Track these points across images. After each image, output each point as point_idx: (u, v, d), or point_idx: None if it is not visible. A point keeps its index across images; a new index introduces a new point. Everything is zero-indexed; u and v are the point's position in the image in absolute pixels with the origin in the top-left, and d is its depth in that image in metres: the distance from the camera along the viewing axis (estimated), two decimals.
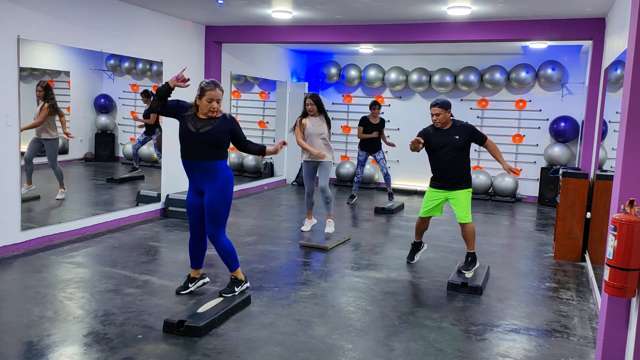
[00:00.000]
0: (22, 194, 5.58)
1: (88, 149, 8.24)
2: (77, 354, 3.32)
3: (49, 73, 7.40)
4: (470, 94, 10.04)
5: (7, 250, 5.33)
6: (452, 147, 5.06)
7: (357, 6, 6.21)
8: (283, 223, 7.33)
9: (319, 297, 4.45)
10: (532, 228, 7.54)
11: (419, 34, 7.13)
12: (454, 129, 5.12)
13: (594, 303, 4.52)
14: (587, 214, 5.65)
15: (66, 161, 7.87)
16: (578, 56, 9.25)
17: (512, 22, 6.68)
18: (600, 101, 6.20)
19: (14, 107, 5.34)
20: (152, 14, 7.06)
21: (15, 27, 5.28)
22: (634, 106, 2.83)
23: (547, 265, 5.67)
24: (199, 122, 4.03)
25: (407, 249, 5.74)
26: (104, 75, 8.27)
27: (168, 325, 3.65)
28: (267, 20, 7.39)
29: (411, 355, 3.46)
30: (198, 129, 4.00)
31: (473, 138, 5.16)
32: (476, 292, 4.62)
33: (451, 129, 5.12)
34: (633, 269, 2.68)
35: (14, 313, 3.93)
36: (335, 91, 11.14)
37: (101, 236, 6.17)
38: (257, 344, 3.54)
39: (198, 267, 4.46)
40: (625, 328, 2.97)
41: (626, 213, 2.71)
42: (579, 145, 8.57)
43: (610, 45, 5.71)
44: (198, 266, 4.45)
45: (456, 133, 5.10)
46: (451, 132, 5.11)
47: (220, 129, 4.04)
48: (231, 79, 8.91)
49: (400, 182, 10.32)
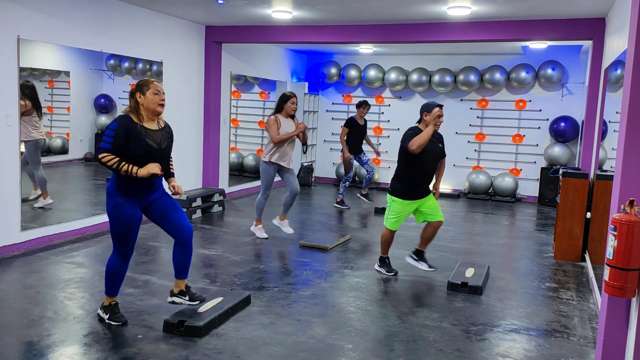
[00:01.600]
0: (29, 198, 5.51)
1: (88, 149, 8.24)
2: (77, 354, 3.32)
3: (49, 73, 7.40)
4: (470, 94, 10.04)
5: (7, 250, 5.33)
6: (437, 154, 4.93)
7: (357, 6, 6.21)
8: None
9: (319, 297, 4.45)
10: (532, 228, 7.54)
11: (419, 34, 7.13)
12: (436, 135, 4.88)
13: (594, 303, 4.52)
14: (587, 214, 5.65)
15: (66, 161, 7.88)
16: (578, 56, 9.25)
17: (512, 22, 6.68)
18: (600, 101, 6.20)
19: (14, 107, 5.34)
20: (152, 14, 7.06)
21: (15, 27, 5.28)
22: (634, 106, 2.83)
23: (547, 265, 5.67)
24: (155, 135, 3.57)
25: (407, 249, 5.72)
26: (104, 75, 8.27)
27: (168, 325, 3.65)
28: (267, 20, 7.40)
29: (411, 355, 3.46)
30: (159, 143, 3.58)
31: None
32: (476, 292, 4.62)
33: (435, 134, 4.85)
34: (633, 269, 2.68)
35: (14, 313, 3.93)
36: (335, 91, 11.14)
37: (101, 236, 6.17)
38: (257, 344, 3.54)
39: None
40: (625, 328, 2.97)
41: (626, 213, 2.71)
42: (579, 145, 8.57)
43: (610, 45, 5.71)
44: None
45: (439, 140, 4.94)
46: (435, 137, 4.88)
47: (171, 137, 3.71)
48: (231, 79, 8.91)
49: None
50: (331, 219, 7.61)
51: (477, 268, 5.11)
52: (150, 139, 3.53)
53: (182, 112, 7.73)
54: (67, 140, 7.87)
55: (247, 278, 4.87)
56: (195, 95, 8.05)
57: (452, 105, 10.03)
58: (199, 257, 5.52)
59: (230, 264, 5.30)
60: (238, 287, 4.62)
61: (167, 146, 3.66)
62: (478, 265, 5.25)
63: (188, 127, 7.91)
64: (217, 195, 7.78)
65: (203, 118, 8.24)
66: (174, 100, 7.57)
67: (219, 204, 7.83)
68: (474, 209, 8.84)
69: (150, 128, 3.58)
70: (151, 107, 3.56)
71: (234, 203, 8.52)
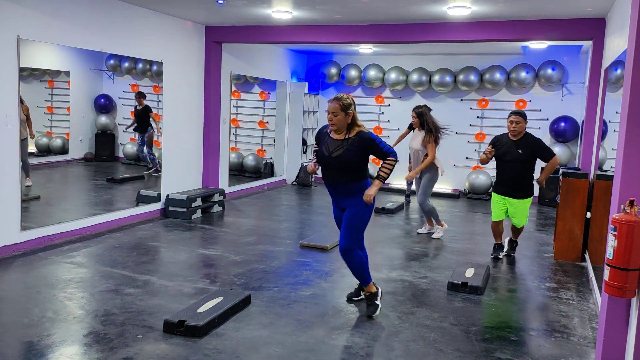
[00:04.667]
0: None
1: (88, 149, 8.25)
2: (77, 354, 3.33)
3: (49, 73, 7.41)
4: (470, 94, 10.04)
5: (7, 250, 5.33)
6: (517, 160, 5.42)
7: (357, 6, 6.21)
8: (283, 223, 7.32)
9: (319, 297, 4.45)
10: (532, 228, 7.53)
11: (419, 34, 7.13)
12: (523, 141, 5.45)
13: (594, 303, 4.52)
14: (587, 214, 5.65)
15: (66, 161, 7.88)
16: (578, 56, 9.25)
17: (512, 22, 6.68)
18: (600, 101, 6.20)
19: (14, 107, 5.34)
20: (152, 14, 7.05)
21: (15, 27, 5.28)
22: (634, 106, 2.83)
23: (547, 265, 5.67)
24: (331, 143, 3.99)
25: (407, 249, 5.75)
26: (104, 75, 8.28)
27: (168, 325, 3.65)
28: (267, 20, 7.39)
29: (411, 355, 3.46)
30: (331, 151, 3.95)
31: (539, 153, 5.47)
32: (476, 292, 4.62)
33: (521, 140, 5.46)
34: (633, 269, 2.68)
35: (14, 313, 3.93)
36: (335, 91, 11.13)
37: (101, 236, 6.17)
38: (257, 344, 3.54)
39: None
40: (625, 328, 2.97)
41: (626, 213, 2.71)
42: (579, 145, 8.57)
43: (610, 45, 5.71)
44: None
45: (522, 147, 5.41)
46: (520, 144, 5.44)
47: (354, 146, 3.91)
48: (231, 79, 8.91)
49: (400, 182, 10.31)
50: (331, 219, 7.60)
51: (477, 268, 5.10)
52: (325, 148, 3.97)
53: (182, 112, 7.73)
54: (67, 140, 7.87)
55: (247, 278, 4.87)
56: (195, 95, 8.04)
57: (452, 105, 10.03)
58: (199, 257, 5.52)
59: (230, 264, 5.30)
60: (238, 287, 4.62)
61: (340, 155, 3.90)
62: (478, 265, 5.25)
63: (188, 127, 7.91)
64: (217, 195, 7.78)
65: (203, 118, 8.24)
66: (174, 101, 7.57)
67: (219, 204, 7.83)
68: (474, 209, 8.84)
69: (333, 137, 3.98)
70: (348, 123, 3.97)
71: (234, 203, 8.52)
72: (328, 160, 3.95)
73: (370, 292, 4.17)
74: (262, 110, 11.07)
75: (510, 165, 5.47)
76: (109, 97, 8.30)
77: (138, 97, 8.35)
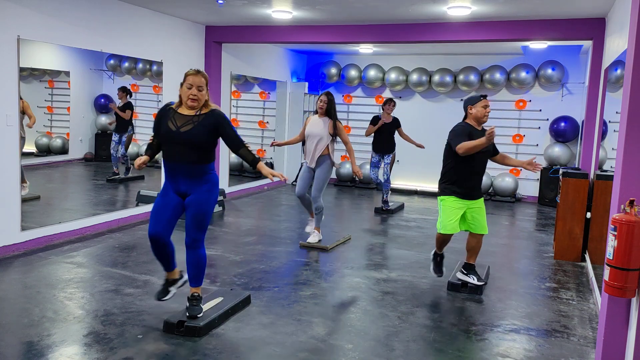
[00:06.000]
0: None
1: (88, 149, 8.25)
2: (77, 354, 3.32)
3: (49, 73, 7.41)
4: (470, 94, 10.03)
5: (7, 250, 5.33)
6: (487, 151, 4.53)
7: (357, 6, 6.21)
8: (283, 223, 7.32)
9: (319, 297, 4.45)
10: (532, 228, 7.54)
11: (419, 34, 7.13)
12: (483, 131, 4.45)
13: (594, 303, 4.52)
14: (587, 214, 5.65)
15: (66, 161, 7.88)
16: (578, 56, 9.25)
17: (512, 22, 6.68)
18: (600, 101, 6.20)
19: (14, 107, 5.34)
20: (152, 14, 7.06)
21: (15, 27, 5.28)
22: (634, 106, 2.83)
23: (547, 265, 5.67)
24: (180, 119, 3.57)
25: (407, 249, 5.74)
26: (104, 75, 8.27)
27: (168, 325, 3.65)
28: (267, 20, 7.39)
29: (411, 355, 3.46)
30: (178, 127, 3.55)
31: None
32: (476, 292, 4.62)
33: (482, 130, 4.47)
34: (633, 269, 2.68)
35: (14, 313, 3.93)
36: (335, 91, 11.10)
37: (101, 236, 6.17)
38: (257, 344, 3.54)
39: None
40: (625, 328, 2.97)
41: (626, 213, 2.71)
42: (579, 145, 8.57)
43: (610, 45, 5.71)
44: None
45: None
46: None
47: (203, 124, 3.56)
48: (231, 79, 8.91)
49: (400, 182, 10.31)
50: (331, 219, 7.61)
51: (477, 268, 5.10)
52: (172, 122, 3.57)
53: None
54: (67, 140, 7.87)
55: (247, 278, 4.87)
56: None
57: (452, 105, 10.03)
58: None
59: (230, 264, 5.30)
60: (238, 287, 4.62)
61: (189, 131, 3.52)
62: (478, 265, 5.25)
63: None
64: None
65: None
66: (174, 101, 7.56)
67: (219, 204, 7.83)
68: None
69: (181, 113, 3.61)
70: (183, 99, 3.62)
71: (234, 203, 8.52)
72: (174, 135, 3.53)
73: (173, 278, 3.90)
74: (262, 110, 11.07)
75: (480, 158, 4.52)
76: (109, 97, 8.29)
77: (120, 92, 8.01)
